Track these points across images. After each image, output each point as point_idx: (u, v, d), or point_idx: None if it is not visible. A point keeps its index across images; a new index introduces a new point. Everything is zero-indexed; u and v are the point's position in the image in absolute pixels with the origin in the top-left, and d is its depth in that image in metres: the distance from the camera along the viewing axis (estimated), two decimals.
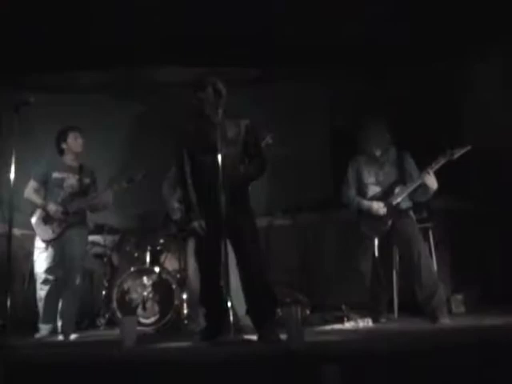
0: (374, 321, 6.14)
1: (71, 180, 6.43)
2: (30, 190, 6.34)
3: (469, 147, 5.95)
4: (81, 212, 6.43)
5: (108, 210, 6.87)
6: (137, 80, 8.72)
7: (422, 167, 6.09)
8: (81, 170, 6.51)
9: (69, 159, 6.52)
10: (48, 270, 6.29)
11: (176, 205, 6.78)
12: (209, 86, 5.25)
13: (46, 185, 6.42)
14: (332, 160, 8.64)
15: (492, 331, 5.16)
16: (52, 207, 6.28)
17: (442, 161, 5.98)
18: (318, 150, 8.69)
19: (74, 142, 6.49)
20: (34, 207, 6.39)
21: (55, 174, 6.40)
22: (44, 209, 6.31)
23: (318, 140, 8.70)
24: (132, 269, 6.93)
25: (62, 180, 6.40)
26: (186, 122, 5.42)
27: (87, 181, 6.52)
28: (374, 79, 8.35)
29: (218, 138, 5.13)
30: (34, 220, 6.37)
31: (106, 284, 7.35)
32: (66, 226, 6.31)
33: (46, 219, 6.31)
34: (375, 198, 6.26)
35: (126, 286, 6.86)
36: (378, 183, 6.31)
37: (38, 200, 6.36)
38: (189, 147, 5.35)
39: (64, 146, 6.50)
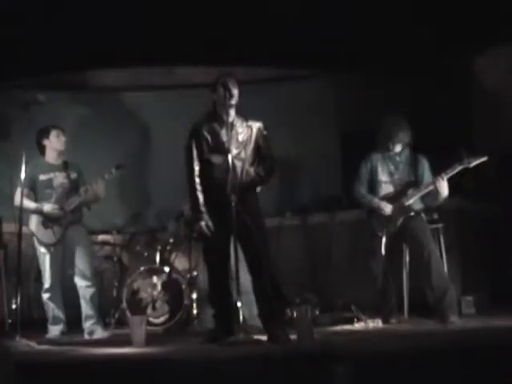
0: (384, 321, 6.13)
1: (59, 179, 6.33)
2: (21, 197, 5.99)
3: (485, 158, 5.95)
4: (77, 209, 6.35)
5: (116, 210, 6.85)
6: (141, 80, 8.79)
7: (437, 171, 6.09)
8: (66, 167, 6.40)
9: (51, 158, 6.40)
10: (53, 273, 6.24)
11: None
12: (220, 86, 5.24)
13: (34, 189, 6.30)
14: (342, 160, 8.62)
15: (501, 333, 5.15)
16: (49, 208, 6.20)
17: (457, 168, 5.97)
18: (328, 150, 8.67)
19: (56, 139, 6.36)
20: (27, 214, 6.19)
21: (42, 176, 6.30)
22: (41, 212, 6.22)
23: (328, 140, 8.69)
24: (142, 268, 6.93)
25: (51, 180, 6.31)
26: (198, 121, 5.42)
27: (74, 176, 6.41)
28: (388, 79, 8.31)
29: (228, 139, 5.15)
30: (33, 227, 6.26)
31: (116, 284, 7.36)
32: (66, 227, 6.25)
33: (45, 223, 6.22)
34: (387, 197, 6.25)
35: (135, 286, 6.86)
36: (391, 182, 6.30)
37: (32, 205, 6.22)
38: (199, 147, 5.34)
39: (46, 142, 6.37)
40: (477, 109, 8.05)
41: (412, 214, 6.16)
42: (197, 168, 5.33)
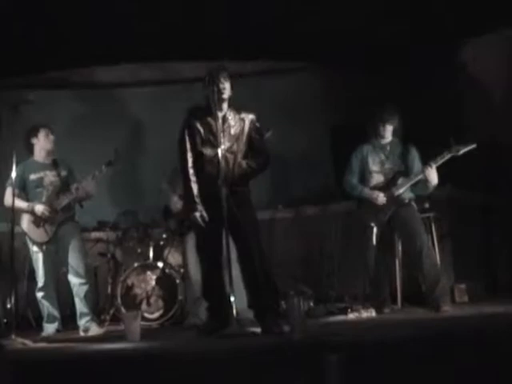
0: (378, 311, 6.15)
1: (49, 177, 6.34)
2: (11, 197, 5.97)
3: (474, 145, 5.97)
4: (69, 207, 6.35)
5: (108, 207, 6.80)
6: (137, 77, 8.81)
7: (426, 160, 6.10)
8: (56, 165, 6.39)
9: (41, 157, 6.40)
10: (47, 272, 6.25)
11: (175, 198, 6.78)
12: (210, 81, 5.25)
13: (24, 188, 6.31)
14: (334, 153, 8.64)
15: (494, 320, 5.18)
16: (39, 208, 6.19)
17: (446, 156, 5.99)
18: (320, 142, 8.68)
19: (44, 138, 6.37)
20: (19, 213, 6.20)
21: (32, 176, 6.30)
22: (32, 212, 6.22)
23: (320, 133, 8.70)
24: (135, 264, 6.94)
25: (41, 179, 6.31)
26: (192, 115, 5.43)
27: (65, 174, 6.40)
28: (376, 72, 8.33)
29: (220, 132, 5.18)
30: (24, 226, 6.27)
31: (110, 280, 7.36)
32: (58, 225, 6.25)
33: (37, 222, 6.23)
34: (378, 186, 6.27)
35: (129, 282, 6.87)
36: (382, 172, 6.31)
37: (22, 204, 6.21)
38: (193, 140, 5.35)
39: (35, 141, 6.37)
40: (466, 98, 8.07)
41: (403, 203, 6.18)
42: (190, 160, 5.34)
